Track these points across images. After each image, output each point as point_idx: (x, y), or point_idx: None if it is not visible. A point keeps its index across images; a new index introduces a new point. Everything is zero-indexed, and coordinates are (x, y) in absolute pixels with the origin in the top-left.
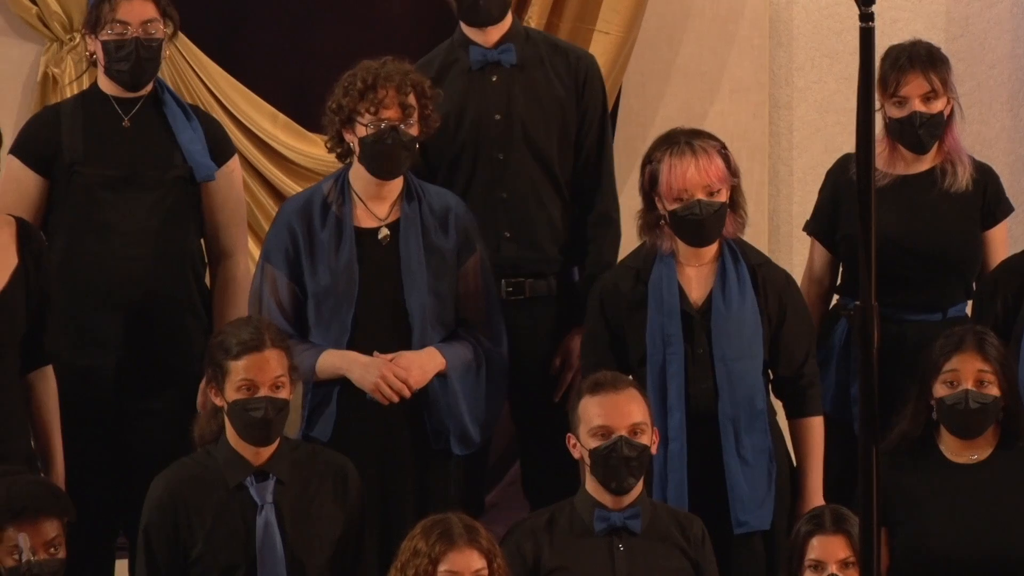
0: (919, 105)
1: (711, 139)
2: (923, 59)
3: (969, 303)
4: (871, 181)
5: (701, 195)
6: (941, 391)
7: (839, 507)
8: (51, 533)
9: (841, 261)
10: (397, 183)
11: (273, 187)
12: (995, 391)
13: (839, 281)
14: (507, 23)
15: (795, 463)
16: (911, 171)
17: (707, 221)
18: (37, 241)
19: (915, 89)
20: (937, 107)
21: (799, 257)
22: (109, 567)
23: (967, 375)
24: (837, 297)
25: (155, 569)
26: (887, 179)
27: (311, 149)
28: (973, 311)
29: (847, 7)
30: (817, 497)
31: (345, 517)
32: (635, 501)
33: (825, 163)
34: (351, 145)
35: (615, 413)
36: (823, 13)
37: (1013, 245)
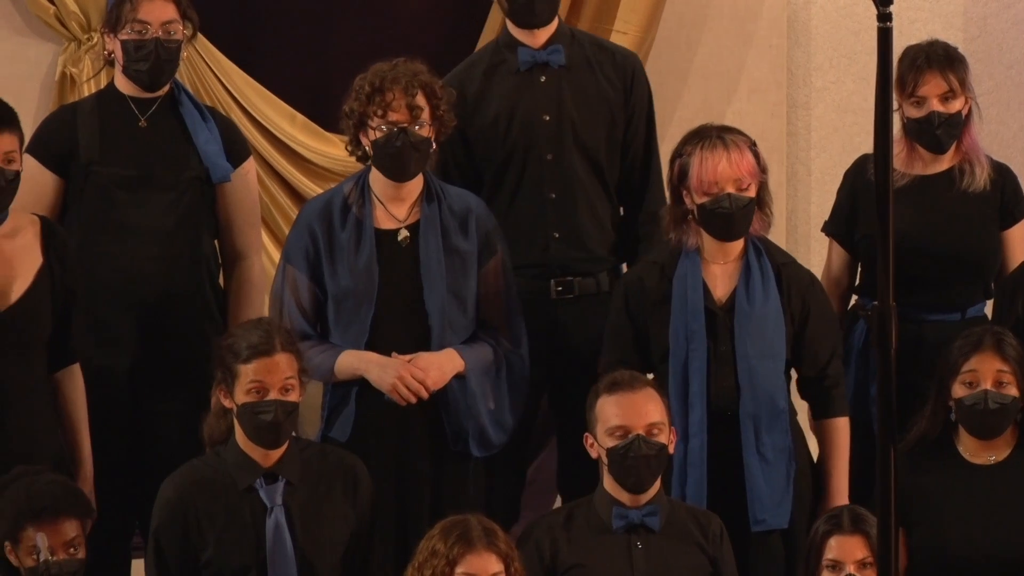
0: (937, 105)
1: (742, 135)
2: (941, 59)
3: (988, 303)
4: (889, 181)
5: (731, 189)
6: (959, 391)
7: (857, 507)
8: (71, 533)
9: (860, 262)
10: (416, 184)
11: (291, 187)
12: (1014, 391)
13: (857, 281)
14: (554, 24)
15: (820, 464)
16: (929, 171)
17: (736, 215)
18: (62, 240)
19: (933, 89)
20: (955, 107)
21: (817, 257)
22: (125, 567)
23: (986, 375)
24: (855, 297)
25: (165, 570)
26: (905, 179)
27: (329, 149)
28: (993, 312)
29: (865, 7)
30: (842, 498)
31: (355, 517)
32: (653, 499)
33: (843, 163)
34: (367, 148)
35: (632, 412)
36: (841, 13)
37: None
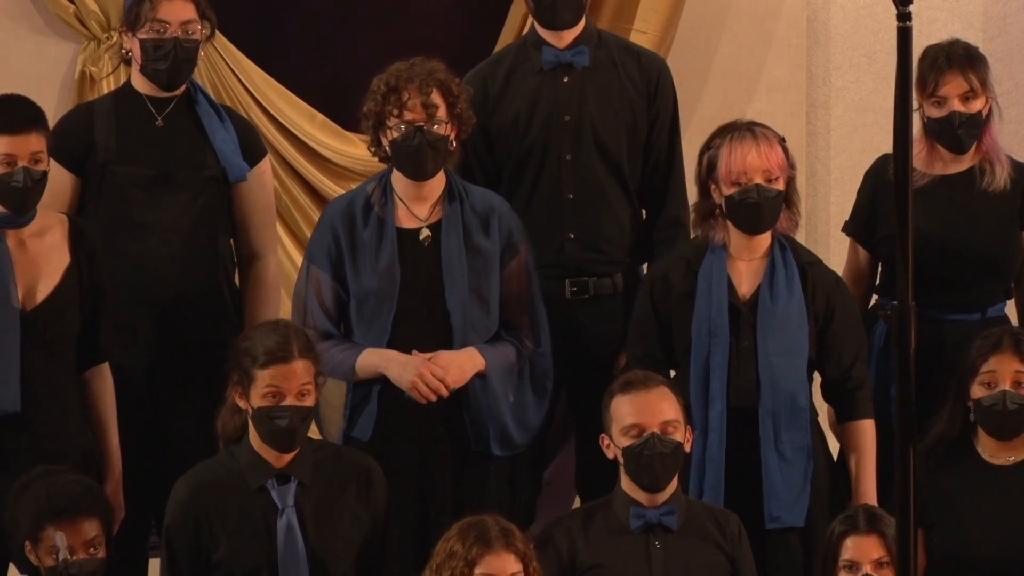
0: (958, 105)
1: (771, 129)
2: (961, 59)
3: (1009, 303)
4: (908, 180)
5: (759, 180)
6: (978, 392)
7: (873, 507)
8: (91, 533)
9: (880, 262)
10: (438, 184)
11: (311, 186)
12: None
13: (877, 281)
14: (580, 25)
15: (846, 467)
16: (949, 171)
17: (763, 206)
18: (90, 239)
19: (954, 89)
20: (976, 107)
21: (837, 257)
22: (143, 565)
23: (1004, 376)
24: (875, 297)
25: (177, 571)
26: (925, 179)
27: (349, 148)
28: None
29: (884, 6)
30: (871, 501)
31: (369, 518)
32: (670, 498)
33: (863, 163)
34: (388, 148)
35: (646, 411)
36: (861, 12)
37: None
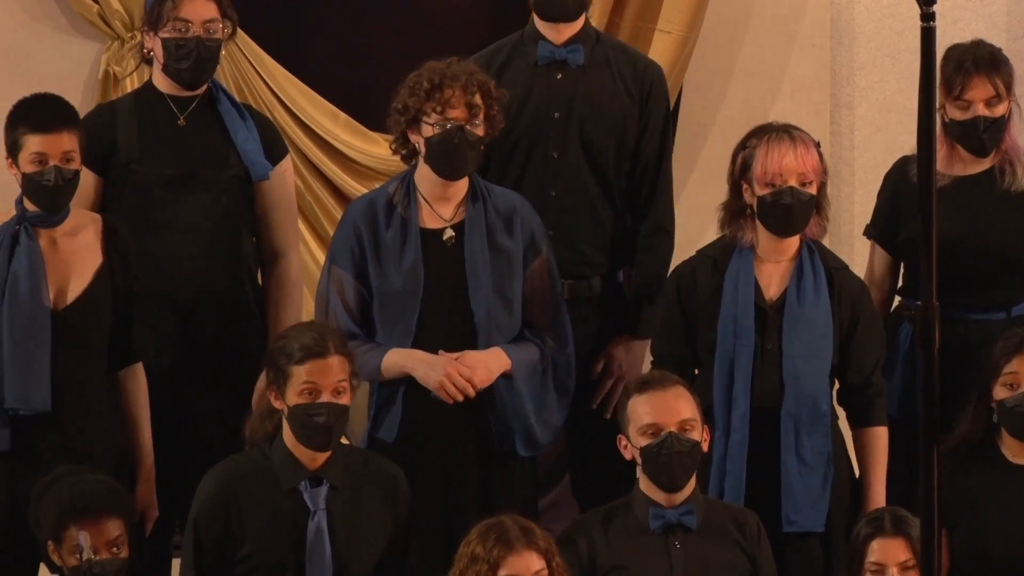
0: (983, 109)
1: (807, 133)
2: (987, 63)
3: None
4: (932, 180)
5: (794, 182)
6: (1001, 393)
7: (899, 509)
8: (114, 532)
9: (902, 264)
10: (462, 184)
11: (334, 186)
12: None
13: (900, 284)
14: (580, 23)
15: (859, 472)
16: (969, 172)
17: (796, 208)
18: (123, 239)
19: (980, 93)
20: (1000, 111)
21: (859, 257)
22: (166, 565)
23: None
24: (899, 299)
25: (202, 562)
26: (945, 180)
27: (372, 148)
28: None
29: (908, 6)
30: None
31: (393, 525)
32: (689, 498)
33: (886, 163)
34: (416, 146)
35: (664, 410)
36: (884, 12)
37: None
